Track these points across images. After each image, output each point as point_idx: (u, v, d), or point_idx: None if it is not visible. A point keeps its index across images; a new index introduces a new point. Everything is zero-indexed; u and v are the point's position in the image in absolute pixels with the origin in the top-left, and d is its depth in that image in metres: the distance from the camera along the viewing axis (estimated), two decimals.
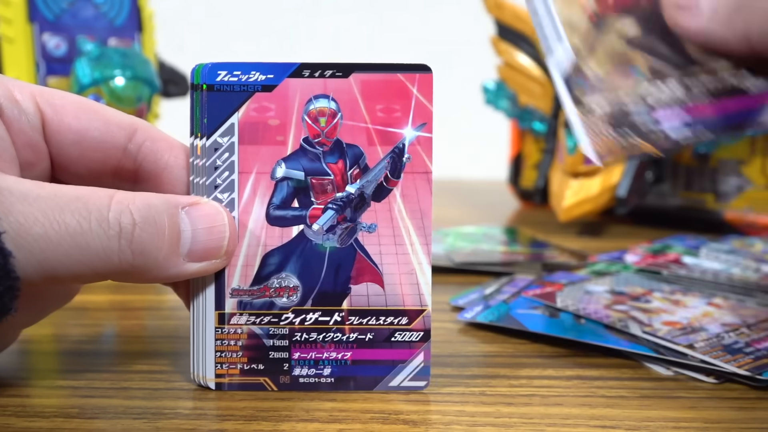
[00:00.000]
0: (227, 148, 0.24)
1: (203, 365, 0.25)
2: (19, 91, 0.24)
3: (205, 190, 0.24)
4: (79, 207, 0.21)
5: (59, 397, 0.24)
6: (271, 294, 0.25)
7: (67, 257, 0.21)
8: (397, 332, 0.25)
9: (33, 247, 0.20)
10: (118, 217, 0.21)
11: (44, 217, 0.21)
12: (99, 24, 0.49)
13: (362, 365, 0.25)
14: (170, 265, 0.23)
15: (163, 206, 0.23)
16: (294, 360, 0.25)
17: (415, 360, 0.25)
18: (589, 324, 0.31)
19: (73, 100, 0.25)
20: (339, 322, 0.25)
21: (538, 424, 0.23)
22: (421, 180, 0.25)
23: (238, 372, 0.25)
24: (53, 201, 0.21)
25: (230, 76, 0.24)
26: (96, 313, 0.35)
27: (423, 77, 0.24)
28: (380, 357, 0.25)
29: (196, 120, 0.24)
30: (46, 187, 0.21)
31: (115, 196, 0.22)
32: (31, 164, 0.24)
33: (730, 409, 0.24)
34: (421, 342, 0.25)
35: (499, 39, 0.63)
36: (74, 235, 0.21)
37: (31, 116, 0.24)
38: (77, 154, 0.25)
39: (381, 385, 0.25)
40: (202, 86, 0.24)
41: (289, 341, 0.25)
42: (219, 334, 0.25)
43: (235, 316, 0.25)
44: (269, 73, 0.24)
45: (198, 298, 0.25)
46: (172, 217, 0.23)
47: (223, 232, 0.24)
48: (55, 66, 0.48)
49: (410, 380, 0.25)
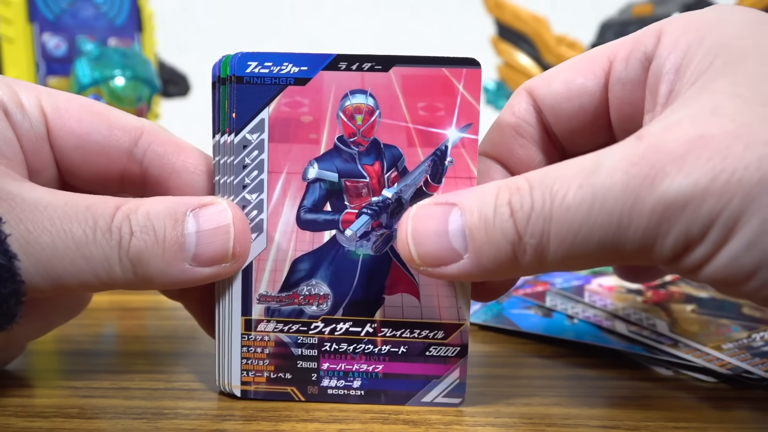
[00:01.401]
0: (257, 145, 0.23)
1: (228, 372, 0.24)
2: (25, 94, 0.24)
3: (233, 189, 0.23)
4: (87, 216, 0.21)
5: (59, 397, 0.24)
6: (300, 301, 0.23)
7: (72, 266, 0.21)
8: (432, 346, 0.24)
9: (40, 256, 0.20)
10: (119, 227, 0.21)
11: (52, 225, 0.21)
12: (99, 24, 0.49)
13: (394, 379, 0.24)
14: (175, 271, 0.22)
15: (166, 212, 0.22)
16: (323, 370, 0.24)
17: (451, 376, 0.24)
18: (581, 324, 0.31)
19: (78, 102, 0.24)
20: (371, 333, 0.24)
21: (538, 424, 0.23)
22: (463, 186, 0.22)
23: (265, 380, 0.24)
24: (62, 210, 0.21)
25: (261, 68, 0.22)
26: (96, 313, 0.35)
27: (470, 72, 0.22)
28: (413, 371, 0.24)
29: (223, 115, 0.23)
30: (58, 195, 0.21)
31: (123, 205, 0.22)
32: (37, 170, 0.24)
33: (730, 409, 0.24)
34: (457, 357, 0.24)
35: (499, 39, 0.63)
36: (80, 245, 0.21)
37: (35, 121, 0.24)
38: (80, 158, 0.24)
39: (413, 401, 0.24)
40: (231, 78, 0.22)
41: (318, 351, 0.24)
42: (245, 341, 0.24)
43: (262, 323, 0.24)
44: (303, 65, 0.22)
45: (223, 302, 0.24)
46: (175, 223, 0.22)
47: (227, 233, 0.22)
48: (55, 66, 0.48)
49: (444, 396, 0.24)
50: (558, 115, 0.25)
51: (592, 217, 0.19)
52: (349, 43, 0.96)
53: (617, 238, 0.19)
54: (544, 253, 0.19)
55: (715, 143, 0.18)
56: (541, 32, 0.63)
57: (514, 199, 0.20)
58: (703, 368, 0.27)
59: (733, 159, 0.18)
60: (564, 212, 0.19)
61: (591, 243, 0.19)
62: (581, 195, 0.19)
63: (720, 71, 0.20)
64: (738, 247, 0.18)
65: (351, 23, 0.98)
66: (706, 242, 0.18)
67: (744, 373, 0.26)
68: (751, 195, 0.17)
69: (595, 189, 0.18)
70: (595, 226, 0.19)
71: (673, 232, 0.18)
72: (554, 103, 0.24)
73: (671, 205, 0.18)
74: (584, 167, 0.19)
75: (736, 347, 0.28)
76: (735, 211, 0.18)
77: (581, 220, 0.19)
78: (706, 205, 0.18)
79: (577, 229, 0.19)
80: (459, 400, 0.24)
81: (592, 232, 0.19)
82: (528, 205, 0.19)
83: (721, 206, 0.18)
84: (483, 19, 0.65)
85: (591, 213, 0.19)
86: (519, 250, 0.20)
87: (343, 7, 0.98)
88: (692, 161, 0.18)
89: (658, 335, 0.29)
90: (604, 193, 0.18)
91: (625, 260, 0.20)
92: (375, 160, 0.23)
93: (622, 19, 0.64)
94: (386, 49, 0.24)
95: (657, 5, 0.62)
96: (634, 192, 0.18)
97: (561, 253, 0.19)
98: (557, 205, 0.19)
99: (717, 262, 0.18)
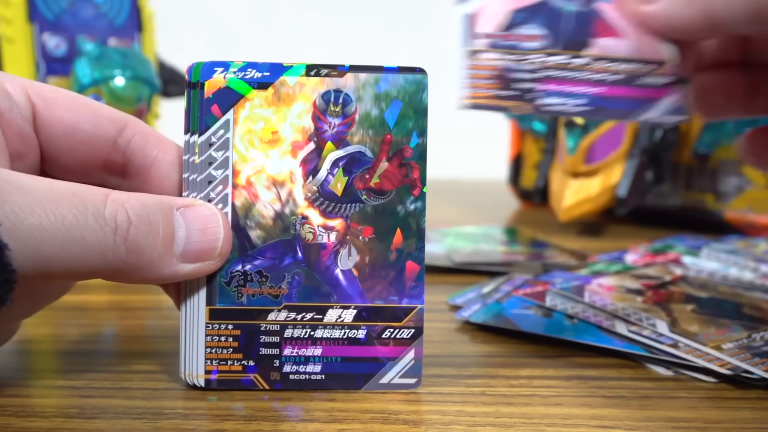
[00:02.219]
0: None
1: (194, 362, 0.25)
2: (10, 83, 0.24)
3: (198, 186, 0.24)
4: (75, 202, 0.21)
5: (59, 397, 0.24)
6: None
7: (61, 249, 0.21)
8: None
9: (28, 238, 0.20)
10: (114, 214, 0.21)
11: (40, 208, 0.20)
12: (99, 24, 0.49)
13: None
14: (164, 265, 0.23)
15: (158, 206, 0.23)
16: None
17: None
18: (581, 324, 0.31)
19: (64, 93, 0.25)
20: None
21: (538, 424, 0.23)
22: None
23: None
24: (49, 194, 0.21)
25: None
26: (96, 313, 0.35)
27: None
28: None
29: (193, 117, 0.24)
30: (41, 181, 0.21)
31: (111, 194, 0.22)
32: (20, 155, 0.24)
33: (730, 409, 0.24)
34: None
35: None
36: (70, 228, 0.21)
37: (22, 107, 0.24)
38: (67, 146, 0.25)
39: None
40: (203, 84, 0.24)
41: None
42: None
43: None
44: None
45: (189, 293, 0.24)
46: (167, 218, 0.23)
47: (218, 233, 0.24)
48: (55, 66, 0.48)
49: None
50: None
51: None
52: (349, 44, 0.96)
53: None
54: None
55: None
56: None
57: None
58: (703, 368, 0.27)
59: None
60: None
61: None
62: None
63: None
64: None
65: (351, 23, 0.98)
66: None
67: (744, 372, 0.26)
68: None
69: None
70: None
71: None
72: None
73: None
74: None
75: (736, 347, 0.28)
76: None
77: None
78: None
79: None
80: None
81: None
82: None
83: None
84: None
85: None
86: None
87: (342, 8, 0.98)
88: None
89: (658, 335, 0.29)
90: None
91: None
92: None
93: None
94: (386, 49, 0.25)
95: None
96: None
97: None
98: None
99: None
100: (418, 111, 0.25)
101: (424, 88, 0.24)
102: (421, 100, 0.24)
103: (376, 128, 0.24)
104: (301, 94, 0.24)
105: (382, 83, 0.24)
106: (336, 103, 0.24)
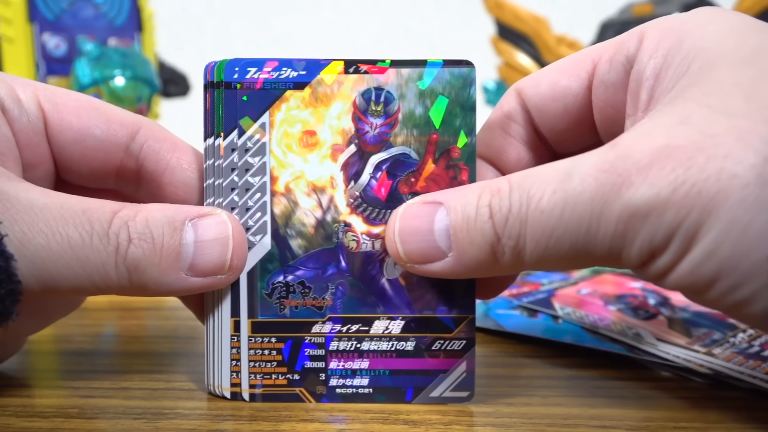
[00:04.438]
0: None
1: (219, 374, 0.24)
2: (22, 89, 0.24)
3: (222, 192, 0.23)
4: (83, 220, 0.21)
5: (59, 397, 0.24)
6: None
7: (67, 269, 0.21)
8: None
9: (35, 257, 0.20)
10: (117, 233, 0.21)
11: (48, 228, 0.21)
12: (99, 24, 0.49)
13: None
14: (170, 280, 0.22)
15: (165, 220, 0.22)
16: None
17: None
18: (566, 325, 0.31)
19: (75, 98, 0.25)
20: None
21: (538, 424, 0.23)
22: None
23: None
24: (59, 212, 0.21)
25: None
26: (96, 313, 0.35)
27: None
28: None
29: (217, 119, 0.23)
30: (53, 197, 0.21)
31: (120, 211, 0.22)
32: (33, 165, 0.24)
33: (730, 409, 0.24)
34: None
35: (499, 39, 0.63)
36: (75, 249, 0.21)
37: (33, 116, 0.24)
38: (79, 153, 0.24)
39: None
40: (236, 85, 0.23)
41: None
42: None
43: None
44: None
45: (213, 303, 0.24)
46: (173, 231, 0.22)
47: (226, 245, 0.22)
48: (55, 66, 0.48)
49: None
50: (544, 115, 0.25)
51: (563, 222, 0.19)
52: (347, 43, 0.96)
53: (587, 242, 0.19)
54: (521, 254, 0.20)
55: (680, 154, 0.18)
56: (541, 32, 0.63)
57: (494, 201, 0.20)
58: (693, 371, 0.27)
59: (695, 170, 0.18)
60: (538, 216, 0.20)
61: (563, 246, 0.20)
62: (554, 200, 0.19)
63: (694, 77, 0.20)
64: (698, 256, 0.18)
65: (350, 23, 0.98)
66: (669, 251, 0.19)
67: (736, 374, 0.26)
68: (709, 207, 0.18)
69: (567, 194, 0.19)
70: (567, 231, 0.19)
71: (637, 240, 0.19)
72: (540, 104, 0.25)
73: (635, 213, 0.19)
74: (559, 172, 0.20)
75: (726, 349, 0.28)
76: (694, 222, 0.18)
77: (554, 224, 0.19)
78: (667, 215, 0.18)
79: (550, 232, 0.19)
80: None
81: (564, 236, 0.19)
82: (506, 208, 0.20)
83: (681, 217, 0.18)
84: (483, 19, 0.65)
85: (563, 217, 0.19)
86: (498, 250, 0.20)
87: (342, 7, 0.98)
88: (656, 171, 0.18)
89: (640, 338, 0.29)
90: (575, 198, 0.19)
91: (597, 263, 0.20)
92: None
93: (622, 19, 0.64)
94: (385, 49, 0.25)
95: (657, 5, 0.62)
96: (602, 199, 0.19)
97: (537, 254, 0.20)
98: (533, 208, 0.20)
99: (680, 271, 0.19)
100: (466, 107, 0.23)
101: (472, 82, 0.23)
102: (468, 95, 0.23)
103: (421, 128, 0.23)
104: (340, 93, 0.23)
105: (426, 79, 0.23)
106: (377, 101, 0.23)
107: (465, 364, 0.24)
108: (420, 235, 0.21)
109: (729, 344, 0.28)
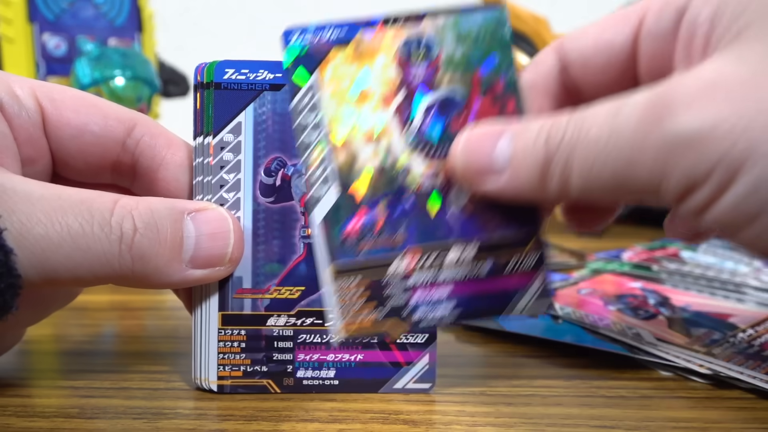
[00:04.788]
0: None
1: (205, 367, 0.25)
2: (19, 86, 0.24)
3: (210, 189, 0.24)
4: (82, 210, 0.21)
5: (59, 397, 0.24)
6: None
7: (67, 259, 0.21)
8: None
9: (34, 248, 0.20)
10: (120, 222, 0.21)
11: (46, 218, 0.21)
12: (99, 24, 0.49)
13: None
14: (172, 271, 0.22)
15: (167, 212, 0.22)
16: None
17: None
18: (566, 325, 0.31)
19: (72, 94, 0.25)
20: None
21: (538, 424, 0.23)
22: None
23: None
24: (57, 202, 0.21)
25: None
26: (96, 313, 0.35)
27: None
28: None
29: (207, 118, 0.24)
30: (50, 188, 0.21)
31: (120, 201, 0.22)
32: (32, 160, 0.24)
33: (730, 409, 0.24)
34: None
35: None
36: (76, 238, 0.21)
37: (31, 112, 0.24)
38: (76, 148, 0.25)
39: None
40: (219, 85, 0.24)
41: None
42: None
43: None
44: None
45: (201, 298, 0.24)
46: (176, 223, 0.22)
47: (227, 239, 0.23)
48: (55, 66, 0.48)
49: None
50: (586, 69, 0.25)
51: (607, 150, 0.19)
52: None
53: (628, 172, 0.19)
54: (568, 180, 0.20)
55: (729, 88, 0.18)
56: (541, 32, 0.63)
57: (552, 129, 0.21)
58: (693, 371, 0.27)
59: (742, 105, 0.18)
60: (585, 144, 0.20)
61: (606, 175, 0.20)
62: (602, 131, 0.20)
63: (752, 19, 0.20)
64: (741, 191, 0.18)
65: None
66: (709, 184, 0.18)
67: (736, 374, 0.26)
68: (756, 142, 0.17)
69: (613, 126, 0.19)
70: (609, 159, 0.19)
71: (677, 172, 0.19)
72: (583, 58, 0.25)
73: (676, 143, 0.18)
74: (613, 107, 0.20)
75: (726, 349, 0.28)
76: (738, 157, 0.18)
77: (598, 152, 0.20)
78: (709, 146, 0.18)
79: (593, 160, 0.20)
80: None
81: (606, 165, 0.20)
82: (560, 135, 0.20)
83: (724, 150, 0.18)
84: None
85: (607, 146, 0.19)
86: (548, 175, 0.21)
87: (342, 8, 0.98)
88: (702, 103, 0.18)
89: (639, 338, 0.29)
90: (621, 127, 0.19)
91: (638, 196, 0.20)
92: None
93: None
94: None
95: None
96: (645, 129, 0.19)
97: (581, 182, 0.20)
98: (582, 137, 0.20)
99: (720, 206, 0.19)
100: (503, 45, 0.24)
101: (504, 22, 0.24)
102: (503, 35, 0.24)
103: (463, 69, 0.24)
104: (382, 46, 0.24)
105: (462, 23, 0.24)
106: (419, 49, 0.24)
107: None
108: (482, 151, 0.22)
109: (729, 344, 0.28)
